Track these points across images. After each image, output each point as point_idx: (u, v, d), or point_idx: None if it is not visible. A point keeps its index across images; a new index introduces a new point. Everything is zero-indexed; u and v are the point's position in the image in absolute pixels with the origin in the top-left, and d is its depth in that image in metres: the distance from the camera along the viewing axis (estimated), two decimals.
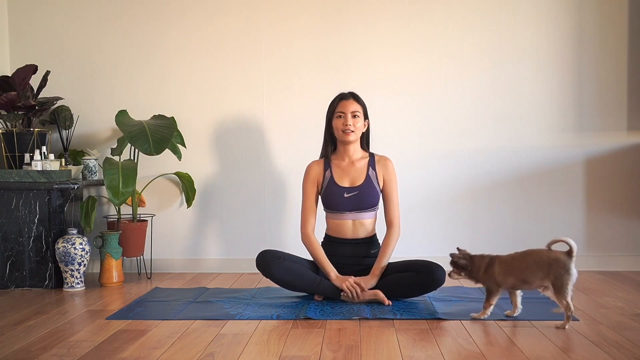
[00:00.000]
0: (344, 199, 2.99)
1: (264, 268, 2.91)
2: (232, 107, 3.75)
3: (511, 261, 2.51)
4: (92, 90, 3.80)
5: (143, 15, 3.76)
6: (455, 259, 2.59)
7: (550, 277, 2.40)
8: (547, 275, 2.41)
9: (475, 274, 2.56)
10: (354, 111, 2.98)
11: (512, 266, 2.50)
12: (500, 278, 2.50)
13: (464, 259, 2.57)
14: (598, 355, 2.09)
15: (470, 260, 2.58)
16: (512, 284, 2.51)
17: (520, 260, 2.49)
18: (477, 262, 2.56)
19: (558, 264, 2.39)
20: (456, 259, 2.59)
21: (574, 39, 3.64)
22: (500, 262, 2.52)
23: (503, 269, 2.50)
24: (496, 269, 2.51)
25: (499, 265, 2.52)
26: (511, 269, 2.49)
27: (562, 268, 2.39)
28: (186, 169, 3.74)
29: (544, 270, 2.42)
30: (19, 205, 3.31)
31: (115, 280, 3.39)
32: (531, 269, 2.45)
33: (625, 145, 3.64)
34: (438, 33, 3.67)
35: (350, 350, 2.16)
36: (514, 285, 2.51)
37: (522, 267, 2.47)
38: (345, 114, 2.97)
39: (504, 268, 2.50)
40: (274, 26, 3.72)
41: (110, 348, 2.23)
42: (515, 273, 2.48)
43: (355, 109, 2.98)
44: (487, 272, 2.53)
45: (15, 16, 3.81)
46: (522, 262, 2.48)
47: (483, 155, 3.68)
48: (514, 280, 2.49)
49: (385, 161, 3.07)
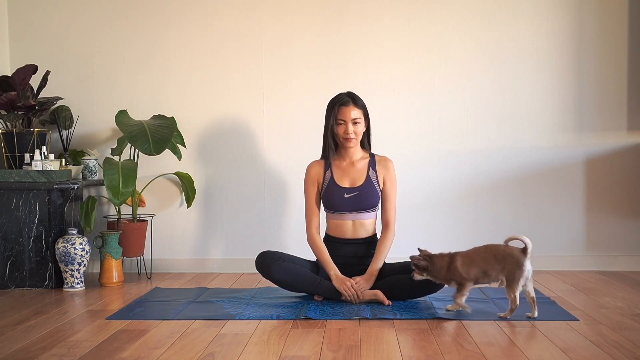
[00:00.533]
0: (344, 199, 2.99)
1: (264, 269, 2.91)
2: (232, 107, 3.75)
3: (473, 254, 2.63)
4: (92, 90, 3.80)
5: (143, 15, 3.76)
6: (415, 261, 2.68)
7: (505, 272, 2.53)
8: (502, 270, 2.54)
9: (438, 273, 2.66)
10: (355, 118, 2.96)
11: (474, 259, 2.61)
12: (464, 270, 2.60)
13: (424, 260, 2.66)
14: (598, 355, 2.09)
15: (430, 260, 2.66)
16: (475, 276, 2.60)
17: (481, 253, 2.62)
18: (438, 262, 2.66)
19: (512, 259, 2.53)
20: (416, 261, 2.67)
21: (574, 39, 3.64)
22: (462, 257, 2.63)
23: (466, 262, 2.61)
24: (458, 263, 2.61)
25: (460, 259, 2.62)
26: (473, 261, 2.61)
27: (516, 264, 2.52)
28: (186, 169, 3.74)
29: (500, 264, 2.55)
30: (19, 205, 3.31)
31: (115, 280, 3.39)
32: (490, 262, 2.57)
33: (625, 145, 3.64)
34: (438, 33, 3.67)
35: (350, 350, 2.16)
36: (477, 278, 2.61)
37: (483, 260, 2.59)
38: (346, 122, 2.96)
39: (467, 261, 2.61)
40: (273, 26, 3.72)
41: (110, 348, 2.23)
42: (477, 265, 2.60)
43: (356, 115, 2.96)
44: (450, 268, 2.62)
45: (15, 16, 3.81)
46: (483, 255, 2.61)
47: (483, 155, 3.68)
48: (476, 272, 2.59)
49: (386, 162, 3.07)
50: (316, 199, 3.06)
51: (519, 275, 2.51)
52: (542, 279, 3.38)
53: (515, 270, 2.51)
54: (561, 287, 3.17)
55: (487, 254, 2.59)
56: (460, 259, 2.62)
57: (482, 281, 2.63)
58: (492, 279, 2.59)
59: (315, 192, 3.06)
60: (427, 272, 2.67)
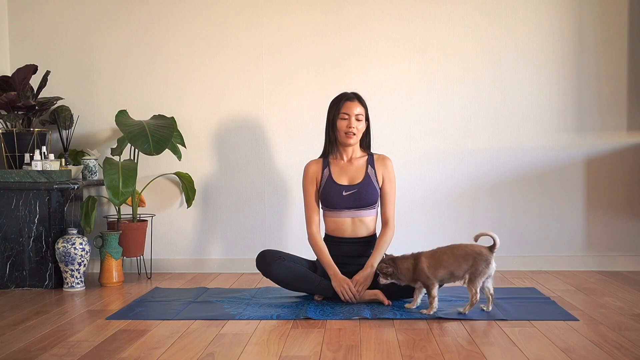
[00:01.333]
0: (342, 197, 2.99)
1: (264, 268, 2.91)
2: (232, 107, 3.75)
3: (439, 255, 2.65)
4: (92, 90, 3.80)
5: (143, 15, 3.77)
6: (380, 268, 2.72)
7: (472, 269, 2.58)
8: (469, 268, 2.58)
9: (404, 275, 2.68)
10: (358, 114, 2.98)
11: (441, 260, 2.63)
12: (431, 271, 2.63)
13: (389, 266, 2.69)
14: (598, 355, 2.09)
15: (394, 264, 2.69)
16: (441, 277, 2.63)
17: (448, 254, 2.64)
18: (402, 264, 2.68)
19: (481, 257, 2.58)
20: (381, 269, 2.71)
21: (574, 39, 3.64)
22: (427, 258, 2.65)
23: (432, 263, 2.63)
24: (424, 265, 2.63)
25: (426, 260, 2.64)
26: (440, 263, 2.62)
27: (484, 261, 2.57)
28: (186, 169, 3.74)
29: (468, 262, 2.59)
30: (19, 205, 3.31)
31: (115, 280, 3.39)
32: (458, 262, 2.61)
33: (625, 145, 3.64)
34: (438, 33, 3.67)
35: (350, 350, 2.16)
36: (443, 278, 2.63)
37: (449, 261, 2.62)
38: (349, 115, 2.97)
39: (433, 262, 2.63)
40: (273, 26, 3.72)
41: (110, 348, 2.23)
42: (444, 267, 2.61)
43: (360, 112, 2.99)
44: (416, 270, 2.65)
45: (15, 16, 3.81)
46: (450, 256, 2.62)
47: (483, 155, 3.68)
48: (443, 273, 2.62)
49: (385, 160, 3.07)
50: (315, 197, 3.07)
51: (484, 273, 2.57)
52: (542, 279, 3.39)
53: (481, 267, 2.56)
54: (561, 287, 3.18)
55: (454, 255, 2.62)
56: (426, 260, 2.64)
57: (447, 281, 2.67)
58: (458, 278, 2.63)
59: (315, 191, 3.06)
60: (393, 276, 2.70)
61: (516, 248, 3.68)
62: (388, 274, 2.70)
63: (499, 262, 3.62)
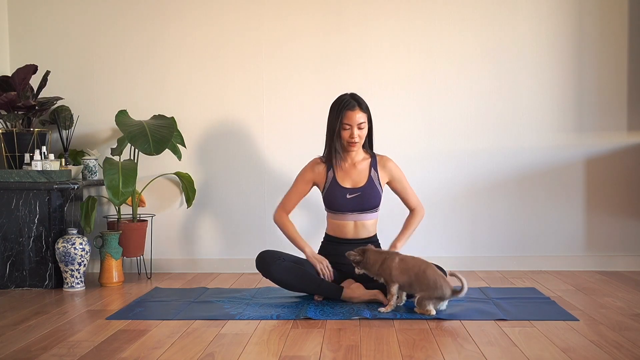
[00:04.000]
0: (347, 200, 2.99)
1: (264, 268, 2.91)
2: (232, 107, 3.75)
3: (411, 265, 2.65)
4: (92, 90, 3.80)
5: (143, 15, 3.76)
6: (347, 255, 2.77)
7: (426, 293, 2.59)
8: (425, 291, 2.59)
9: (371, 267, 2.72)
10: (360, 122, 2.97)
11: (410, 270, 2.64)
12: (396, 273, 2.65)
13: (357, 255, 2.74)
14: (598, 355, 2.09)
15: (363, 254, 2.73)
16: (402, 283, 2.65)
17: (418, 269, 2.65)
18: (372, 257, 2.72)
19: (440, 292, 2.58)
20: (347, 255, 2.77)
21: (574, 39, 3.64)
22: (401, 260, 2.68)
23: (402, 267, 2.66)
24: (394, 264, 2.66)
25: (398, 261, 2.67)
26: (408, 271, 2.64)
27: (440, 297, 2.58)
28: (186, 169, 3.74)
29: (430, 288, 2.58)
30: (19, 205, 3.31)
31: (115, 280, 3.39)
32: (421, 281, 2.61)
33: (625, 145, 3.64)
34: (438, 33, 3.67)
35: (350, 350, 2.16)
36: (403, 285, 2.66)
37: (416, 276, 2.64)
38: (352, 126, 2.96)
39: (402, 266, 2.66)
40: (273, 26, 3.72)
41: (110, 348, 2.23)
42: (409, 276, 2.65)
43: (362, 120, 2.97)
44: (383, 266, 2.68)
45: (15, 16, 3.81)
46: (419, 272, 2.63)
47: (483, 156, 3.68)
48: (404, 280, 2.66)
49: (386, 162, 3.08)
50: (301, 194, 3.11)
51: (432, 303, 2.58)
52: (542, 279, 3.39)
53: (433, 298, 2.58)
54: (561, 287, 3.17)
55: (423, 274, 2.61)
56: (399, 261, 2.67)
57: (404, 289, 2.69)
58: (412, 292, 2.67)
59: (304, 190, 3.11)
60: (361, 265, 2.74)
61: (516, 248, 3.68)
62: (355, 262, 2.75)
63: (499, 262, 3.67)
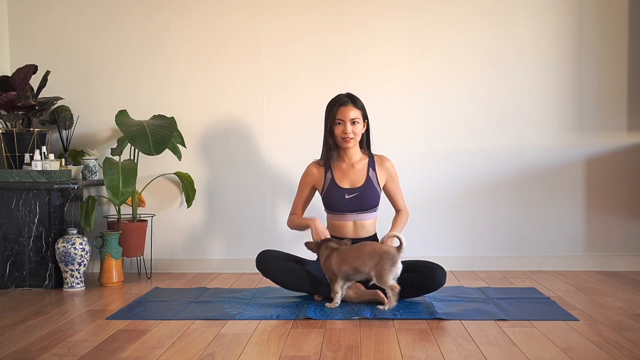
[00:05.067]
0: (345, 200, 2.99)
1: (264, 268, 2.91)
2: (232, 107, 3.75)
3: (347, 252, 2.71)
4: (92, 90, 3.80)
5: (143, 15, 3.76)
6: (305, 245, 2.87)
7: (377, 267, 2.65)
8: (375, 266, 2.66)
9: (322, 261, 2.77)
10: (353, 118, 2.97)
11: (346, 257, 2.70)
12: (336, 267, 2.73)
13: (314, 247, 2.84)
14: (598, 355, 2.09)
15: (317, 247, 2.81)
16: (345, 273, 2.70)
17: (355, 251, 2.73)
18: (322, 251, 2.79)
19: (387, 256, 2.65)
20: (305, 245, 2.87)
21: (574, 39, 3.64)
22: (338, 254, 2.72)
23: (339, 259, 2.71)
24: (333, 259, 2.72)
25: (336, 255, 2.72)
26: (345, 260, 2.69)
27: (390, 260, 2.65)
28: (186, 169, 3.74)
29: (374, 260, 2.66)
30: (19, 205, 3.31)
31: (115, 280, 3.39)
32: (363, 259, 2.68)
33: (625, 145, 3.64)
34: (438, 33, 3.67)
35: (350, 350, 2.16)
36: (348, 275, 2.71)
37: (355, 257, 2.70)
38: (344, 121, 2.97)
39: (340, 258, 2.71)
40: (274, 26, 3.72)
41: (110, 348, 2.23)
42: (349, 262, 2.70)
43: (355, 115, 2.98)
44: (326, 261, 2.74)
45: (15, 16, 3.81)
46: (357, 252, 2.70)
47: (483, 156, 3.68)
48: (347, 269, 2.71)
49: (384, 161, 3.09)
50: (306, 199, 3.14)
51: (391, 271, 2.64)
52: (542, 279, 3.39)
53: (387, 265, 2.64)
54: (561, 287, 3.18)
55: (360, 252, 2.69)
56: (336, 256, 2.72)
57: (353, 278, 2.73)
58: (363, 275, 2.71)
59: (307, 195, 3.13)
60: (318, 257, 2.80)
61: (516, 248, 3.68)
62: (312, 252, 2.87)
63: (499, 262, 3.66)
